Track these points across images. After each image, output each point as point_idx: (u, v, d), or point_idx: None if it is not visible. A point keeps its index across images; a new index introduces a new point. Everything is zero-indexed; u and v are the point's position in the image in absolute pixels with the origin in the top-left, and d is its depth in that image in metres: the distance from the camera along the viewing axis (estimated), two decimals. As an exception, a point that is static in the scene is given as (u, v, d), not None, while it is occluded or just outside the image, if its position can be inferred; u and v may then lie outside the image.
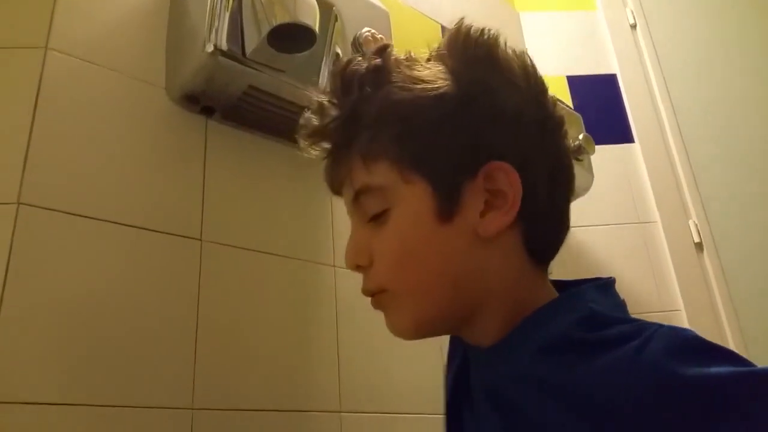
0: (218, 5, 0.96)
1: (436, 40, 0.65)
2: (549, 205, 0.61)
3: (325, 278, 1.12)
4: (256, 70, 0.98)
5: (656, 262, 1.69)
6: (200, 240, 0.97)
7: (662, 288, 1.65)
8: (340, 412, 1.03)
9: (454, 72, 0.61)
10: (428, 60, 0.63)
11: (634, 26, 1.97)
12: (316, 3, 0.95)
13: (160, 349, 0.88)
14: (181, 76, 1.00)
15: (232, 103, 1.03)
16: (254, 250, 1.03)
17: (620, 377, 0.47)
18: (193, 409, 0.87)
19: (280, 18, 0.91)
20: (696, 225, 1.72)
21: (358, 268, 0.64)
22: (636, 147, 1.82)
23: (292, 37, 0.94)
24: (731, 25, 2.03)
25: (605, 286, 0.61)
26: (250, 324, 0.99)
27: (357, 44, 1.10)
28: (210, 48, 0.94)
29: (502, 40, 0.62)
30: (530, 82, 0.62)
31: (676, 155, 1.80)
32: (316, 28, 0.94)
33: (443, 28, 1.63)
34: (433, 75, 0.60)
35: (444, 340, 1.26)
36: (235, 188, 1.05)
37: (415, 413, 1.13)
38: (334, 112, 0.63)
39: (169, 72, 1.03)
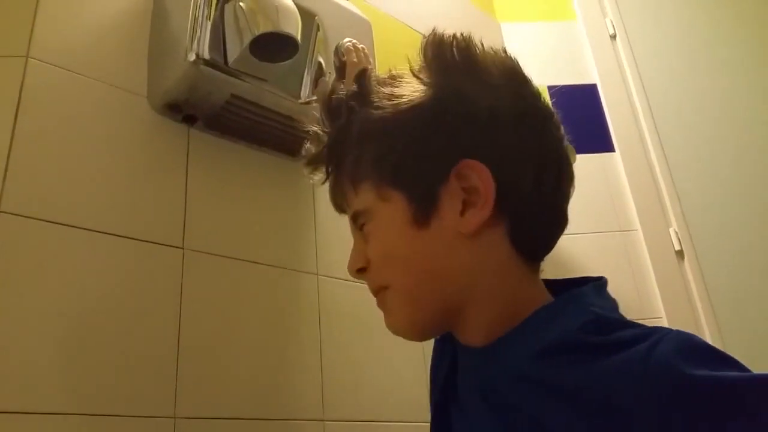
0: (200, 14, 0.96)
1: (417, 49, 0.66)
2: (536, 199, 0.60)
3: (308, 287, 1.12)
4: (239, 78, 0.98)
5: (637, 270, 1.70)
6: (182, 248, 0.97)
7: (643, 296, 1.67)
8: (324, 420, 1.03)
9: (428, 82, 0.62)
10: (412, 73, 0.65)
11: (613, 36, 2.00)
12: (298, 12, 0.96)
13: (142, 357, 0.87)
14: (163, 85, 1.00)
15: (215, 112, 1.03)
16: (237, 259, 1.03)
17: (631, 378, 0.47)
18: (175, 417, 0.87)
19: (263, 27, 0.92)
20: (676, 233, 1.74)
21: (357, 273, 0.66)
22: (616, 156, 1.84)
23: (274, 46, 0.95)
24: (710, 35, 2.07)
25: (600, 287, 0.61)
26: (232, 332, 0.99)
27: (339, 54, 1.11)
28: (192, 57, 0.94)
29: (477, 41, 0.63)
30: (508, 78, 0.62)
31: (656, 164, 1.83)
32: (299, 38, 0.95)
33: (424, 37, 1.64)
34: (409, 88, 0.62)
35: (428, 347, 1.26)
36: (217, 197, 1.05)
37: (397, 421, 1.13)
38: (325, 139, 0.67)
39: (151, 81, 1.03)
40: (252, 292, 1.04)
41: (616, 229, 1.76)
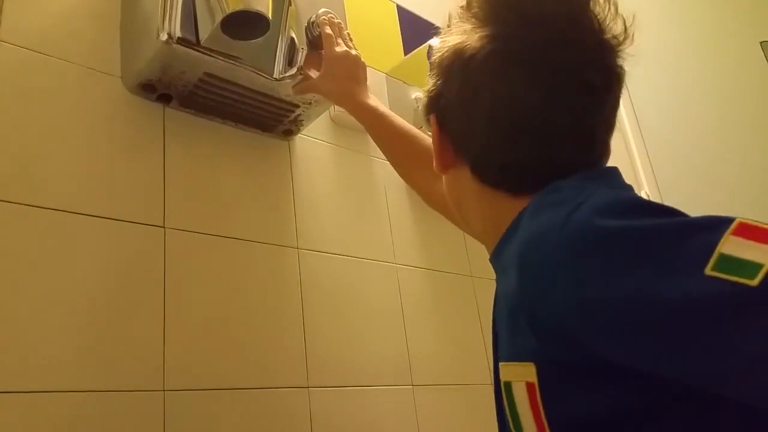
0: (171, -7, 0.96)
1: (391, 19, 0.71)
2: (491, 142, 0.63)
3: (289, 260, 1.15)
4: (211, 57, 0.98)
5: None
6: (163, 227, 0.99)
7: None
8: (308, 387, 1.07)
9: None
10: None
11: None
12: (268, -11, 0.96)
13: (129, 335, 0.90)
14: (136, 65, 1.00)
15: (189, 90, 1.04)
16: (217, 235, 1.05)
17: (548, 238, 0.48)
18: (164, 390, 0.90)
19: (233, 5, 0.92)
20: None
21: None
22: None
23: (245, 24, 0.95)
24: (698, 52, 2.06)
25: (592, 177, 0.60)
26: (216, 307, 1.01)
27: (311, 27, 1.11)
28: (164, 36, 0.94)
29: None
30: (483, 25, 0.63)
31: (644, 177, 1.86)
32: (269, 15, 0.95)
33: (398, 7, 1.64)
34: (443, 42, 0.69)
35: (407, 313, 1.30)
36: (196, 174, 1.07)
37: (380, 385, 1.17)
38: None
39: (124, 61, 1.03)
40: (233, 266, 1.06)
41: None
